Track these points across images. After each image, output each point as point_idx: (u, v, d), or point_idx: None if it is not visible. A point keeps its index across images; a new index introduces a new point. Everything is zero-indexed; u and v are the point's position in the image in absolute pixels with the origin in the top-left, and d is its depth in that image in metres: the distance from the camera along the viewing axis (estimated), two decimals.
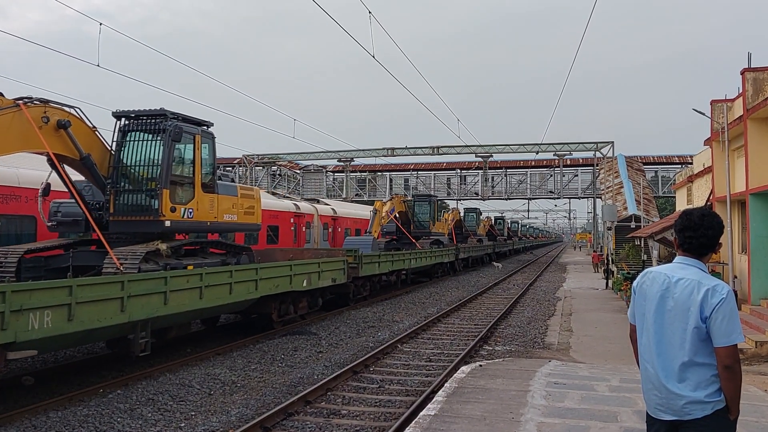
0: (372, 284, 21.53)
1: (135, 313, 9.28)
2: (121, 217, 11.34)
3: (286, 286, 13.94)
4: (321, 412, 8.28)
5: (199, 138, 12.34)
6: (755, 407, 7.37)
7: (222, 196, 12.99)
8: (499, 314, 17.69)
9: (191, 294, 10.68)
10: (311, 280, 15.21)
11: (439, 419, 6.80)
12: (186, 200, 11.92)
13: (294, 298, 15.11)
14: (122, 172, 11.59)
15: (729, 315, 3.09)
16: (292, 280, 14.15)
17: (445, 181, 51.37)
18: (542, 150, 40.86)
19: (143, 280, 9.62)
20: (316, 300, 16.53)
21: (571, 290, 26.26)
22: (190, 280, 10.66)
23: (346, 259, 17.88)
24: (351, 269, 18.26)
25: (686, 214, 3.42)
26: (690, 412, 3.15)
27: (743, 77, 15.73)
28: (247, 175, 47.63)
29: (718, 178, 17.91)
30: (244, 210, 13.87)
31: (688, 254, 3.37)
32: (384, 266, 21.65)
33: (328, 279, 16.30)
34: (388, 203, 28.20)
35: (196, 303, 10.83)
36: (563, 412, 7.07)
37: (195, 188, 12.15)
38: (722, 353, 3.09)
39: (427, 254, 28.46)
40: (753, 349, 11.64)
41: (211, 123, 12.92)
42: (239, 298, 12.16)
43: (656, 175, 47.48)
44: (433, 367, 11.09)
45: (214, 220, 12.68)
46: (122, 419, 7.93)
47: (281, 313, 14.61)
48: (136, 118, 11.88)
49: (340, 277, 17.26)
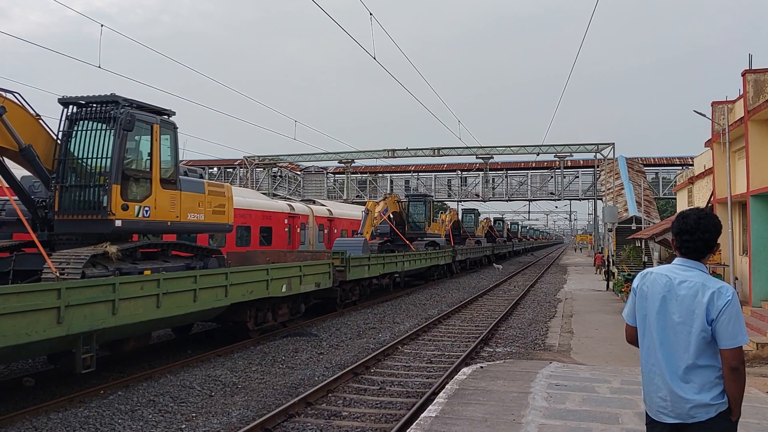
0: (362, 288, 20.54)
1: (75, 325, 8.17)
2: (67, 216, 10.23)
3: (262, 292, 12.89)
4: (322, 414, 8.27)
5: (158, 128, 11.13)
6: (757, 409, 7.37)
7: (186, 193, 11.84)
8: (500, 316, 17.67)
9: (146, 302, 9.60)
10: (291, 285, 14.16)
11: (440, 421, 6.79)
12: (141, 197, 10.74)
13: (273, 305, 14.01)
14: (69, 166, 10.48)
15: (735, 317, 3.08)
16: (270, 286, 13.14)
17: (446, 183, 51.39)
18: (543, 151, 40.85)
19: (85, 288, 8.45)
20: (298, 306, 15.39)
21: (572, 292, 26.24)
22: (144, 287, 9.57)
23: (331, 262, 16.69)
24: (338, 273, 17.29)
25: (682, 216, 3.40)
26: (695, 416, 3.14)
27: (744, 79, 15.72)
28: (248, 176, 47.64)
29: (719, 180, 17.90)
30: (213, 209, 12.77)
31: (687, 257, 3.35)
32: (374, 269, 20.73)
33: (311, 284, 15.21)
34: (381, 203, 27.18)
35: (153, 312, 9.73)
36: (564, 413, 7.06)
37: (152, 184, 10.94)
38: (728, 355, 3.09)
39: (422, 256, 27.45)
40: (754, 351, 11.63)
41: (173, 112, 11.69)
42: (206, 305, 11.12)
43: (657, 177, 47.51)
44: (434, 369, 11.08)
45: (175, 219, 11.48)
46: (123, 420, 7.92)
47: (258, 321, 13.56)
48: (85, 106, 10.75)
49: (325, 281, 16.18)
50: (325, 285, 16.16)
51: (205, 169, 54.25)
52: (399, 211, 29.52)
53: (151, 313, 9.71)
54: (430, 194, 37.88)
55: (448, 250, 32.51)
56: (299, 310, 15.48)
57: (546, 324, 16.75)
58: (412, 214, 31.86)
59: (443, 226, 36.32)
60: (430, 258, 28.79)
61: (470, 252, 39.86)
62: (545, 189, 48.50)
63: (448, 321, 17.47)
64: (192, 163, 54.15)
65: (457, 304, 20.70)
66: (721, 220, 3.45)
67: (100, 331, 8.76)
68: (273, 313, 14.15)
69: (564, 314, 18.63)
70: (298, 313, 15.42)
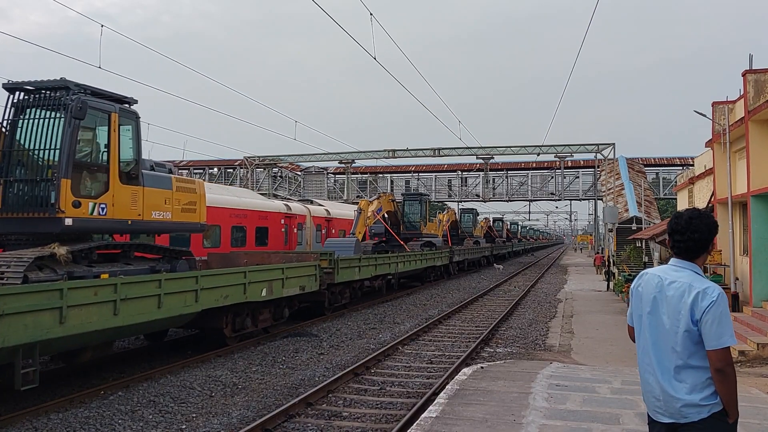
0: (352, 291, 19.64)
1: (12, 337, 7.25)
2: (13, 214, 9.33)
3: (238, 297, 12.02)
4: (322, 414, 8.27)
5: (117, 117, 10.14)
6: (757, 409, 7.36)
7: (150, 189, 10.87)
8: (500, 316, 17.67)
9: (101, 309, 8.64)
10: (273, 289, 13.31)
11: (440, 421, 6.79)
12: (96, 193, 9.78)
13: (253, 310, 13.26)
14: (15, 158, 9.64)
15: (719, 318, 3.08)
16: (248, 290, 12.26)
17: (446, 183, 51.39)
18: (543, 152, 40.85)
19: (25, 294, 7.53)
20: (281, 311, 14.55)
21: (572, 292, 26.23)
22: (99, 293, 8.60)
23: (318, 264, 15.76)
24: (326, 275, 16.42)
25: (675, 216, 3.41)
26: (687, 415, 3.15)
27: (744, 79, 15.71)
28: (248, 176, 47.65)
29: (720, 180, 17.89)
30: (182, 206, 11.84)
31: (680, 257, 3.37)
32: (366, 271, 19.83)
33: (295, 287, 14.40)
34: (375, 202, 26.18)
35: (110, 320, 8.80)
36: (565, 414, 7.06)
37: (110, 178, 9.94)
38: (713, 356, 3.09)
39: (418, 257, 26.51)
40: (755, 351, 11.61)
41: (134, 100, 10.73)
42: (173, 312, 10.24)
43: (657, 177, 47.53)
44: (435, 369, 11.08)
45: (137, 218, 10.48)
46: (123, 421, 7.92)
47: (237, 327, 12.80)
48: (33, 92, 9.87)
49: (311, 284, 15.30)
50: (311, 288, 15.37)
51: (205, 169, 54.68)
52: (394, 211, 28.64)
53: (107, 322, 8.78)
54: (427, 193, 36.42)
55: (444, 251, 31.72)
56: (282, 315, 14.68)
57: (546, 324, 16.75)
58: (407, 214, 30.98)
59: (440, 227, 35.67)
60: (426, 259, 27.87)
61: (468, 253, 39.02)
62: (545, 189, 48.51)
63: (449, 321, 17.47)
64: (192, 164, 54.27)
65: (457, 305, 20.70)
66: (716, 220, 3.45)
67: (45, 343, 7.83)
68: (253, 318, 13.36)
69: (564, 314, 18.63)
70: (281, 318, 14.64)
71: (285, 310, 14.71)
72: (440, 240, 33.25)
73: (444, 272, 32.74)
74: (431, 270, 29.67)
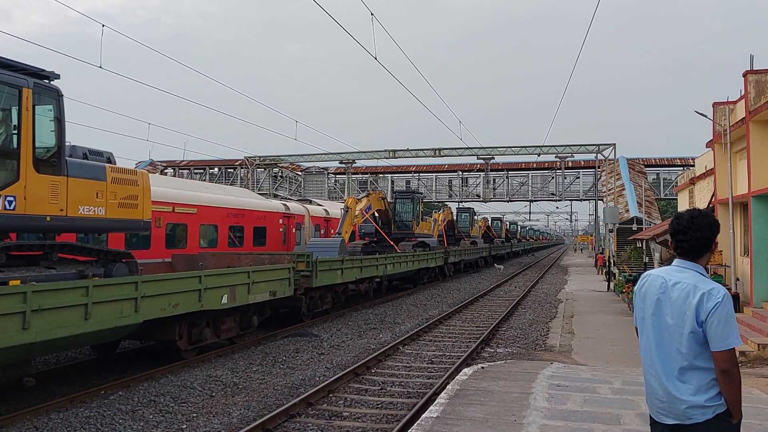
0: (335, 296, 18.26)
1: None
2: None
3: (191, 305, 10.64)
4: (323, 414, 8.27)
5: (30, 93, 8.50)
6: (758, 410, 7.35)
7: (77, 181, 9.23)
8: (501, 316, 17.67)
9: (7, 323, 7.31)
10: (236, 296, 11.99)
11: (441, 421, 6.79)
12: (1, 183, 8.16)
13: (214, 319, 11.97)
14: None
15: (725, 319, 3.07)
16: (204, 297, 10.92)
17: (447, 183, 51.40)
18: (544, 152, 40.86)
19: None
20: (249, 319, 13.25)
21: (573, 292, 26.23)
22: (4, 302, 7.27)
23: (293, 267, 14.38)
24: (303, 278, 15.13)
25: (677, 217, 3.41)
26: (691, 417, 3.15)
27: (745, 80, 15.71)
28: (249, 176, 47.67)
29: (720, 181, 17.89)
30: (119, 201, 10.16)
31: (683, 257, 3.36)
32: (349, 273, 18.40)
33: (264, 292, 13.07)
34: (364, 200, 24.73)
35: (18, 336, 7.44)
36: (566, 414, 7.05)
37: (20, 166, 8.31)
38: (719, 357, 3.08)
39: (409, 258, 25.03)
40: (756, 351, 11.60)
41: (56, 74, 9.13)
42: (106, 324, 8.85)
43: (658, 178, 47.52)
44: (435, 369, 11.07)
45: (59, 213, 8.90)
46: (124, 421, 7.92)
47: (194, 339, 11.43)
48: None
49: (284, 289, 13.99)
50: (284, 293, 14.04)
51: (206, 169, 54.72)
52: (385, 209, 27.19)
53: (15, 338, 7.41)
54: (420, 191, 34.50)
55: (439, 252, 30.56)
56: (251, 324, 13.36)
57: (547, 324, 16.74)
58: (399, 213, 29.26)
59: (436, 226, 34.42)
60: (419, 260, 26.50)
61: (465, 253, 37.58)
62: (546, 189, 48.52)
63: (449, 321, 17.47)
64: (193, 164, 54.31)
65: (458, 305, 20.71)
66: (717, 219, 3.44)
67: None
68: (215, 328, 12.11)
69: (565, 315, 18.62)
70: (249, 327, 13.33)
71: (253, 318, 13.38)
72: (435, 240, 32.09)
73: (439, 274, 31.50)
74: (425, 272, 28.48)
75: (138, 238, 16.26)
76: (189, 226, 18.01)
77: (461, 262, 36.74)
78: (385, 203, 27.16)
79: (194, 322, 11.40)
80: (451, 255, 32.89)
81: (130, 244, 16.03)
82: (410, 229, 29.07)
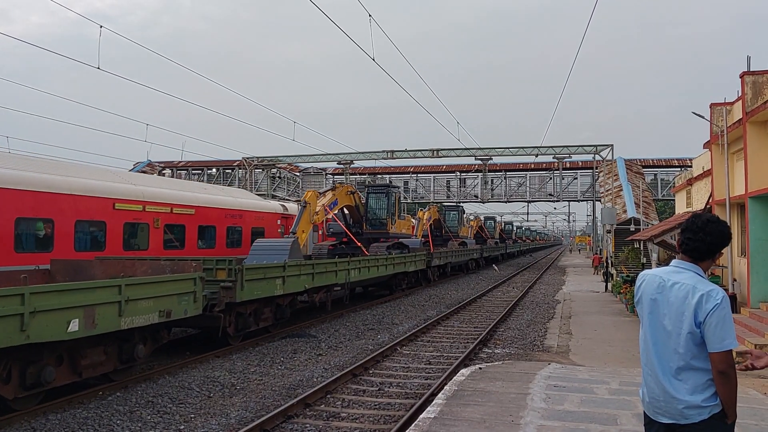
0: (279, 310, 14.63)
1: None
2: None
3: (14, 337, 7.35)
4: (321, 415, 8.27)
5: None
6: (755, 410, 7.37)
7: None
8: (498, 317, 17.68)
9: None
10: (97, 320, 8.49)
11: (438, 422, 6.80)
12: None
13: (70, 350, 8.73)
14: None
15: (723, 320, 3.09)
16: (31, 324, 7.50)
17: (445, 184, 51.40)
18: (541, 153, 40.89)
19: None
20: (131, 349, 9.89)
21: (570, 293, 26.26)
22: None
23: (199, 277, 10.75)
24: (224, 291, 11.90)
25: (694, 216, 3.42)
26: (688, 416, 3.17)
27: (742, 80, 15.74)
28: (247, 177, 47.65)
29: (718, 181, 17.93)
30: None
31: (686, 257, 3.37)
32: (295, 282, 14.71)
33: (150, 312, 9.55)
34: (329, 194, 21.63)
35: None
36: (563, 415, 7.07)
37: None
38: (716, 358, 3.10)
39: (381, 262, 21.54)
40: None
41: None
42: None
43: (655, 178, 47.59)
44: (433, 370, 11.08)
45: None
46: (121, 422, 7.92)
47: (29, 383, 8.10)
48: None
49: (186, 306, 10.42)
50: (184, 313, 10.40)
51: (204, 170, 54.68)
52: (355, 205, 24.02)
53: None
54: (396, 185, 29.75)
55: (420, 254, 26.98)
56: (134, 356, 9.95)
57: (544, 325, 16.76)
58: (372, 210, 25.86)
59: (420, 225, 31.89)
60: (394, 264, 22.96)
61: (452, 255, 34.08)
62: (544, 190, 48.53)
63: (447, 322, 17.48)
64: (191, 164, 54.27)
65: (455, 305, 20.73)
66: (731, 232, 3.43)
67: None
68: (72, 364, 8.84)
69: (563, 316, 18.65)
70: (131, 360, 9.98)
71: (138, 347, 10.00)
72: (418, 241, 28.93)
73: (422, 279, 28.43)
74: (402, 276, 24.99)
75: (137, 239, 16.29)
76: (187, 226, 18.02)
77: (447, 265, 33.32)
78: (355, 198, 24.05)
79: (30, 359, 8.09)
80: (435, 257, 29.65)
81: (134, 244, 16.11)
82: (385, 228, 25.76)
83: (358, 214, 24.80)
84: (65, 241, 14.00)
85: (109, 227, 15.26)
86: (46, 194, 13.56)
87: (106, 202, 15.16)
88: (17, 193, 12.92)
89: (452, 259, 34.17)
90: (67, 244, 14.04)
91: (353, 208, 24.25)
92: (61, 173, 14.64)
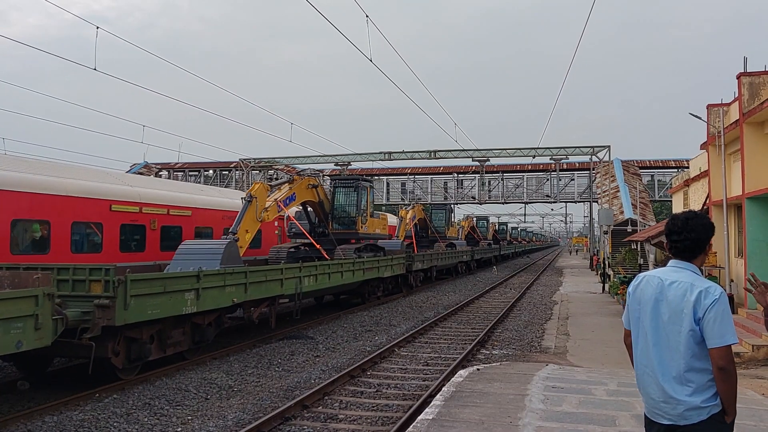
0: (195, 330, 11.53)
1: None
2: None
3: None
4: (318, 417, 8.25)
5: None
6: (753, 411, 7.37)
7: None
8: (496, 318, 17.68)
9: None
10: None
11: (437, 423, 6.78)
12: None
13: None
14: None
15: (721, 316, 3.09)
16: None
17: (442, 185, 51.41)
18: (539, 154, 40.96)
19: None
20: None
21: (568, 294, 26.28)
22: None
23: (44, 294, 7.75)
24: (100, 310, 8.84)
25: (672, 218, 3.46)
26: (687, 417, 3.16)
27: (739, 81, 15.77)
28: (244, 179, 47.60)
29: (715, 182, 17.96)
30: None
31: (678, 258, 3.39)
32: (218, 296, 11.62)
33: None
34: (285, 187, 18.32)
35: None
36: (561, 416, 7.06)
37: None
38: (716, 354, 3.10)
39: (346, 267, 18.31)
40: (750, 352, 11.65)
41: None
42: None
43: (652, 179, 47.68)
44: (431, 371, 11.07)
45: None
46: (118, 424, 7.89)
47: None
48: None
49: (14, 339, 7.41)
50: (17, 346, 7.49)
51: (200, 171, 54.62)
52: (319, 201, 20.72)
53: None
54: (368, 178, 25.89)
55: (398, 257, 23.62)
56: None
57: (542, 326, 16.76)
58: (341, 206, 22.46)
59: (403, 225, 29.31)
60: (364, 269, 19.80)
61: (437, 258, 30.81)
62: (541, 191, 48.57)
63: (445, 323, 17.47)
64: (188, 166, 54.19)
65: (453, 306, 20.72)
66: (712, 221, 3.48)
67: None
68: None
69: (560, 317, 18.65)
70: None
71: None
72: (399, 242, 26.13)
73: (403, 284, 25.41)
74: (377, 282, 21.98)
75: (132, 241, 16.25)
76: (184, 228, 17.98)
77: (432, 269, 30.01)
78: (318, 193, 20.69)
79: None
80: (416, 260, 26.31)
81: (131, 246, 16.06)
82: (354, 228, 22.17)
83: (322, 211, 21.35)
84: (62, 243, 13.95)
85: (106, 229, 15.21)
86: (43, 196, 13.51)
87: (102, 204, 15.10)
88: (13, 195, 12.84)
89: (438, 262, 30.99)
90: (64, 246, 13.99)
91: (316, 204, 20.82)
92: (58, 175, 14.59)
